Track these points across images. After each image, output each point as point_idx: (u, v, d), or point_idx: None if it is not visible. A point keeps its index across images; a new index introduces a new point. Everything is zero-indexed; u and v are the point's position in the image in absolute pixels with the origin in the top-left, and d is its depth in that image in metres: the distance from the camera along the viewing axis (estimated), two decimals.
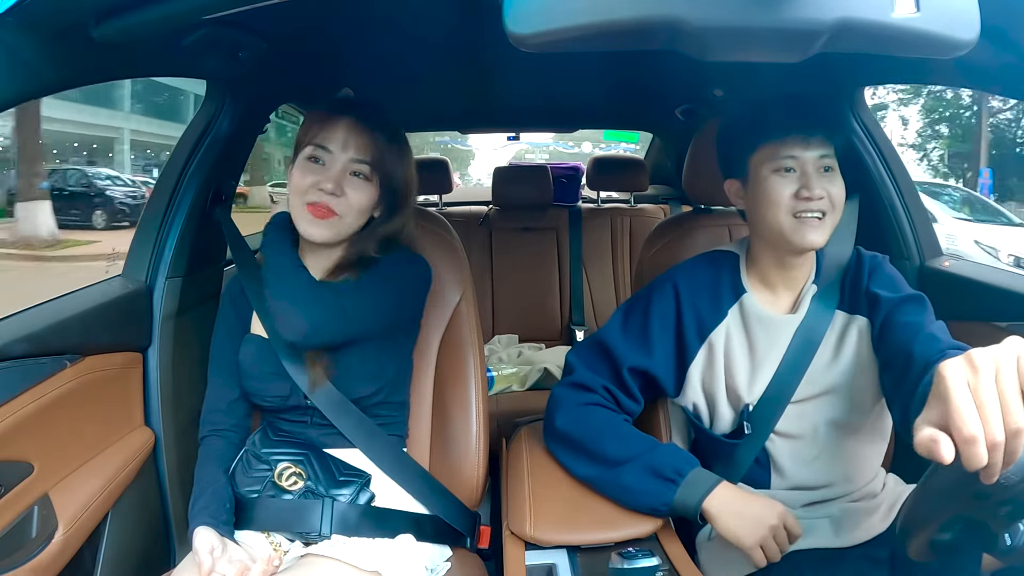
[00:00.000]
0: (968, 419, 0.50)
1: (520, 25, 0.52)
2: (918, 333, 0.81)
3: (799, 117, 0.88)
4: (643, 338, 0.94)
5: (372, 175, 0.91)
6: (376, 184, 0.92)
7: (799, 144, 0.87)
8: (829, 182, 0.87)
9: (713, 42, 0.54)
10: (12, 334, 0.84)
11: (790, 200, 0.87)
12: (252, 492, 0.91)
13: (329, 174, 0.89)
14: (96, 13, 0.70)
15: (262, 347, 0.95)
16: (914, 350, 0.78)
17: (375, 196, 0.93)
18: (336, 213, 0.89)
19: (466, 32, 1.18)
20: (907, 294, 0.89)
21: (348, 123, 0.91)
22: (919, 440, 0.52)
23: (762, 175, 0.89)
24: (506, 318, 2.23)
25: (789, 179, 0.87)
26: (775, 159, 0.87)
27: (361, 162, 0.91)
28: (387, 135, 0.93)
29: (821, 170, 0.87)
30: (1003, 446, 0.50)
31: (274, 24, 0.99)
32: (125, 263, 1.13)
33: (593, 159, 2.48)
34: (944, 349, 0.75)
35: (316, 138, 0.91)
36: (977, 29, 0.54)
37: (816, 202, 0.86)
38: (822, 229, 0.87)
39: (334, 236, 0.91)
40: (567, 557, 0.82)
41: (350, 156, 0.90)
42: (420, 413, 1.07)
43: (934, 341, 0.78)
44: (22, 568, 0.81)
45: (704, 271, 0.97)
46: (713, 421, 0.96)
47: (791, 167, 0.87)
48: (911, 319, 0.84)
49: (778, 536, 0.81)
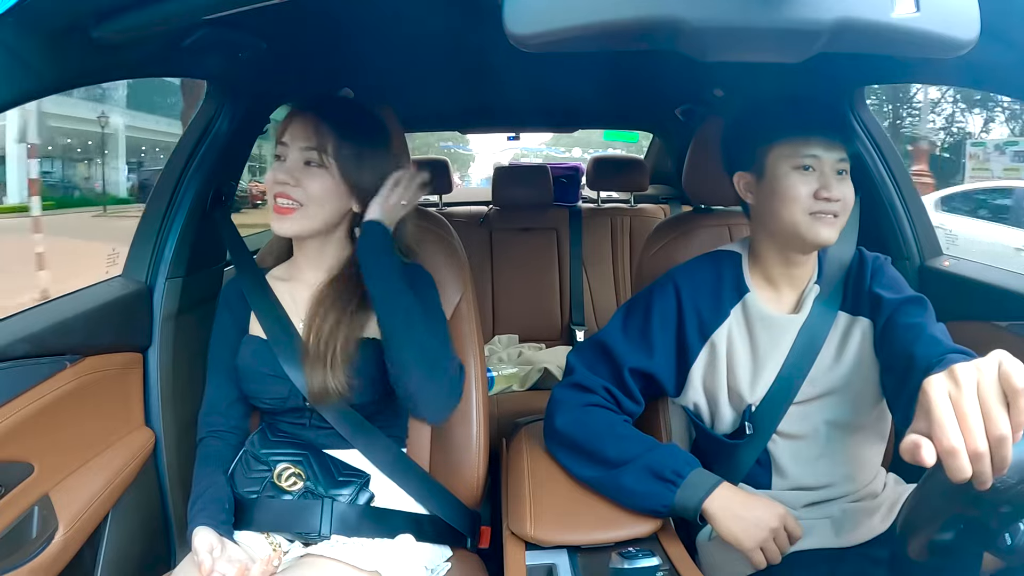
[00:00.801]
0: (949, 431, 0.52)
1: (520, 25, 0.52)
2: (920, 335, 0.81)
3: (823, 119, 0.89)
4: (644, 339, 0.94)
5: (325, 161, 0.91)
6: (335, 172, 0.92)
7: (822, 144, 0.87)
8: (844, 185, 0.88)
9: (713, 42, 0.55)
10: (13, 334, 0.84)
11: (808, 199, 0.87)
12: (251, 493, 0.91)
13: (284, 166, 0.91)
14: (96, 13, 0.70)
15: (260, 349, 0.95)
16: (916, 352, 0.78)
17: (333, 185, 0.92)
18: (296, 201, 0.90)
19: (466, 32, 1.18)
20: (909, 296, 0.89)
21: (300, 116, 0.92)
22: (903, 447, 0.54)
23: (780, 171, 0.89)
24: (506, 318, 2.23)
25: (808, 177, 0.88)
26: (796, 156, 0.88)
27: (308, 149, 0.91)
28: (337, 124, 0.92)
29: (837, 173, 0.88)
30: (987, 456, 0.51)
31: (274, 24, 0.99)
32: (125, 263, 1.13)
33: (593, 159, 2.48)
34: (945, 352, 0.75)
35: (279, 135, 0.93)
36: (977, 29, 0.54)
37: (833, 204, 0.87)
38: (835, 228, 0.88)
39: (301, 229, 0.92)
40: (567, 557, 0.82)
41: (299, 145, 0.91)
42: None
43: (935, 344, 0.79)
44: (22, 568, 0.81)
45: (706, 271, 0.96)
46: (714, 421, 0.96)
47: (810, 166, 0.88)
48: (913, 321, 0.85)
49: (778, 538, 0.81)
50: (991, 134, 13.26)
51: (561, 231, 2.32)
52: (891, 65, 1.09)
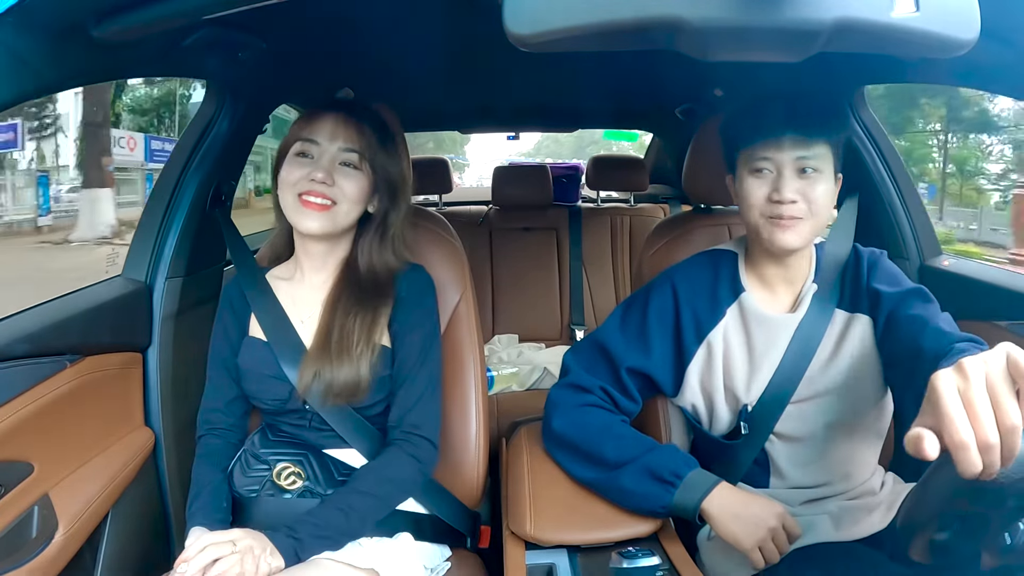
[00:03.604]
0: (959, 425, 0.51)
1: (520, 25, 0.52)
2: (925, 327, 0.80)
3: (774, 115, 0.87)
4: (641, 338, 0.94)
5: (362, 164, 0.92)
6: (367, 175, 0.92)
7: (771, 145, 0.86)
8: (808, 184, 0.85)
9: (713, 42, 0.54)
10: (12, 334, 0.84)
11: (762, 202, 0.87)
12: (251, 492, 0.91)
13: (319, 164, 0.90)
14: (96, 13, 0.70)
15: (261, 350, 0.94)
16: (923, 345, 0.77)
17: (367, 187, 0.93)
18: (331, 200, 0.90)
19: (466, 32, 1.18)
20: (909, 288, 0.88)
21: (336, 116, 0.92)
22: (907, 439, 0.53)
23: (742, 175, 0.89)
24: (506, 318, 2.23)
25: (763, 180, 0.87)
26: (751, 160, 0.88)
27: (350, 151, 0.91)
28: (375, 128, 0.94)
29: (798, 171, 0.86)
30: (998, 447, 0.50)
31: (274, 24, 0.99)
32: (125, 263, 1.13)
33: (593, 159, 2.48)
34: (954, 342, 0.74)
35: (304, 133, 0.92)
36: (977, 29, 0.54)
37: (787, 206, 0.85)
38: (795, 231, 0.86)
39: (331, 227, 0.91)
40: (567, 557, 0.82)
41: (339, 146, 0.91)
42: None
43: (942, 336, 0.77)
44: (22, 568, 0.81)
45: (702, 270, 0.96)
46: (712, 422, 0.96)
47: (765, 168, 0.87)
48: (916, 313, 0.83)
49: (777, 538, 0.81)
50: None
51: (561, 231, 2.32)
52: (891, 65, 1.09)
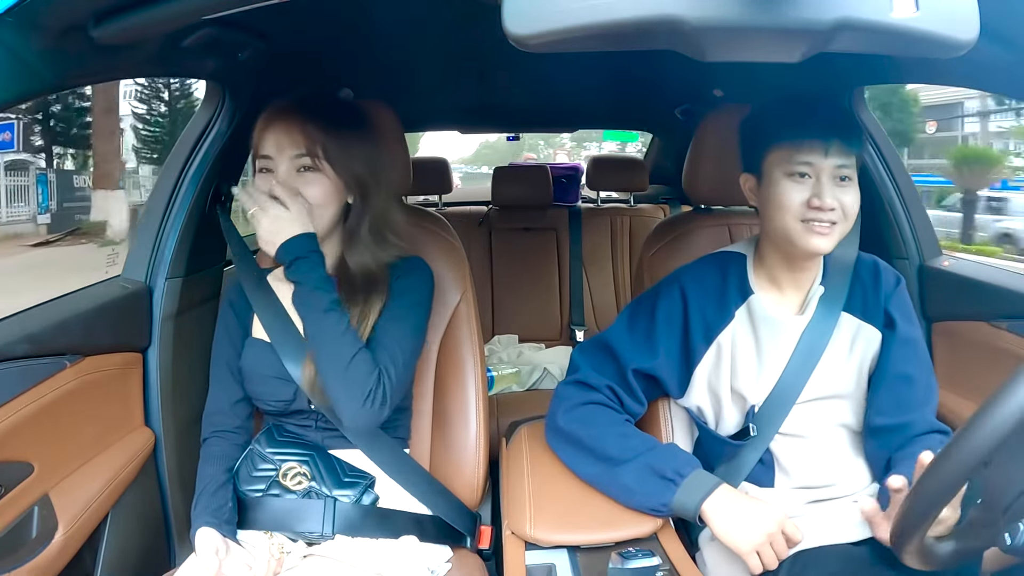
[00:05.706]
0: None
1: (520, 25, 0.52)
2: (912, 389, 0.91)
3: (820, 120, 0.86)
4: (648, 340, 0.94)
5: (319, 164, 0.90)
6: (328, 172, 0.91)
7: (818, 150, 0.84)
8: (843, 192, 0.85)
9: (713, 42, 0.55)
10: (12, 334, 0.84)
11: (800, 207, 0.85)
12: (255, 491, 0.91)
13: (280, 179, 0.89)
14: (96, 13, 0.70)
15: (264, 351, 0.94)
16: (906, 412, 0.89)
17: (331, 185, 0.91)
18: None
19: (466, 32, 1.18)
20: (913, 335, 0.94)
21: (280, 125, 0.90)
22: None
23: (775, 177, 0.87)
24: (506, 318, 2.23)
25: (803, 185, 0.85)
26: (790, 163, 0.85)
27: (300, 156, 0.90)
28: (327, 121, 0.91)
29: (837, 179, 0.85)
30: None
31: (274, 24, 0.99)
32: (125, 263, 1.13)
33: (592, 159, 2.48)
34: (924, 433, 0.89)
35: (259, 149, 0.91)
36: (977, 29, 0.54)
37: (827, 213, 0.84)
38: (830, 237, 0.85)
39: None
40: (567, 557, 0.82)
41: (289, 155, 0.90)
42: (421, 414, 1.07)
43: (921, 413, 0.90)
44: (22, 568, 0.81)
45: (711, 273, 0.96)
46: (718, 422, 0.96)
47: (805, 173, 0.85)
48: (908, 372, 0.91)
49: (776, 543, 0.80)
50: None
51: (561, 231, 2.32)
52: (891, 65, 1.10)
